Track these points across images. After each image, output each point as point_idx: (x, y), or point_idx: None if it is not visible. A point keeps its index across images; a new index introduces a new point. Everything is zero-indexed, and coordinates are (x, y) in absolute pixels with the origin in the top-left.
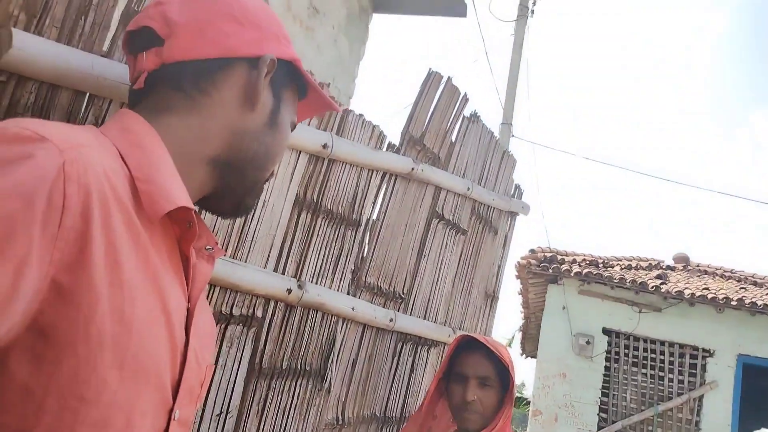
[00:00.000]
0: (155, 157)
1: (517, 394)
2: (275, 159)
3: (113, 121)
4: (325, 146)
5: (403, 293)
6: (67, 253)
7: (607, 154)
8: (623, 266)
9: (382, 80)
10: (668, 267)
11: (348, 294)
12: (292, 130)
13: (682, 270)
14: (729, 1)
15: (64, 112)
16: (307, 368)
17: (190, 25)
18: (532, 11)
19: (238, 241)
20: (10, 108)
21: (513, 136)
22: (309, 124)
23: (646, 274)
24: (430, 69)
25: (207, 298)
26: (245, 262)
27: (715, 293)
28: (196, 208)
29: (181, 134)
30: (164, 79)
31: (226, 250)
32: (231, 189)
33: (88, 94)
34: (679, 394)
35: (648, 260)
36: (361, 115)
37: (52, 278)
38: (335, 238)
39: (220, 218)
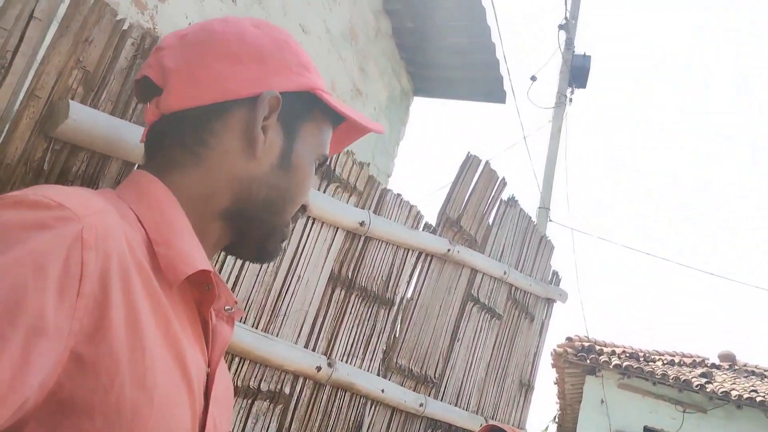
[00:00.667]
0: (172, 219)
1: None
2: (295, 200)
3: (129, 182)
4: (362, 224)
5: (434, 377)
6: (87, 322)
7: (651, 241)
8: (665, 361)
9: (421, 160)
10: (713, 365)
11: (378, 375)
12: (323, 162)
13: (728, 369)
14: None
15: (113, 181)
16: None
17: (181, 71)
18: (570, 99)
19: (271, 315)
20: (62, 175)
21: (551, 220)
22: (348, 202)
23: (690, 372)
24: (469, 152)
25: (235, 372)
26: (277, 336)
27: (764, 396)
28: (216, 267)
29: (188, 192)
30: (165, 132)
31: (258, 323)
32: (249, 237)
33: (137, 165)
34: None
35: (692, 357)
36: (399, 195)
37: (71, 350)
38: (368, 317)
39: (254, 290)
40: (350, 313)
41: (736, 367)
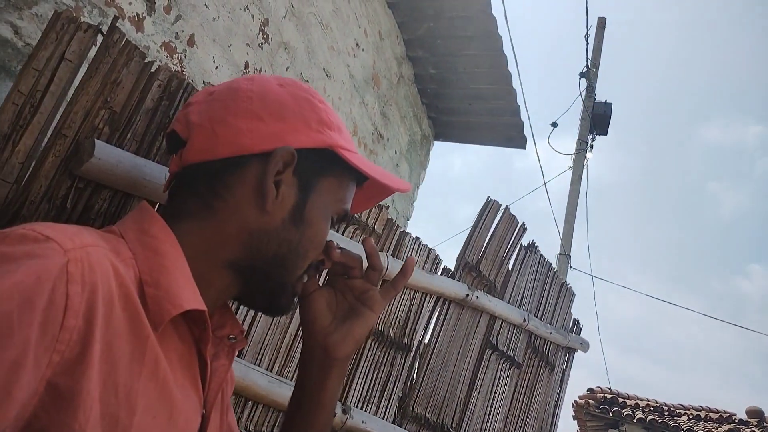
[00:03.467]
0: (168, 260)
1: None
2: (306, 255)
3: (133, 220)
4: None
5: (451, 427)
6: (67, 355)
7: (675, 290)
8: (691, 416)
9: (441, 204)
10: (741, 421)
11: (394, 423)
12: (344, 218)
13: (756, 426)
14: None
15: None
16: None
17: (204, 126)
18: (591, 146)
19: (286, 358)
20: (84, 213)
21: (571, 267)
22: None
23: (717, 428)
24: (488, 197)
25: (248, 417)
26: (291, 380)
27: None
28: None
29: (197, 240)
30: (183, 183)
31: (273, 367)
32: (258, 291)
33: (158, 204)
34: None
35: (719, 412)
36: (417, 238)
37: (48, 380)
38: (384, 362)
39: (269, 331)
40: (366, 357)
41: (765, 424)
